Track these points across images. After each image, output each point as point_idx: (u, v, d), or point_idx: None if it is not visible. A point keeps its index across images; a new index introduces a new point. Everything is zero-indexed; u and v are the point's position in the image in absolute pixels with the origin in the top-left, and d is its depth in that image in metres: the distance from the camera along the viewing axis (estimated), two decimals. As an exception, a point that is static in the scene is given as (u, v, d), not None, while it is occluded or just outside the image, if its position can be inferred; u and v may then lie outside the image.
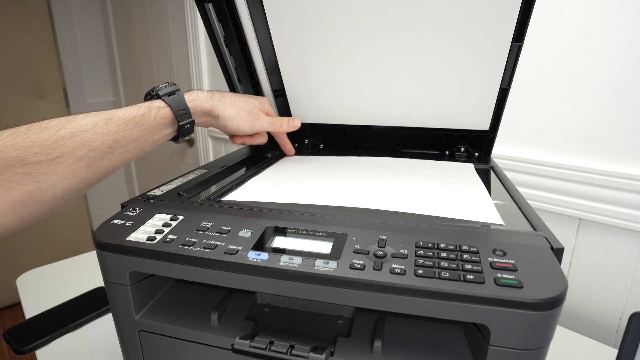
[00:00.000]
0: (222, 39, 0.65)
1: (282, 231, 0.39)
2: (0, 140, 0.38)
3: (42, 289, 0.78)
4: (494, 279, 0.31)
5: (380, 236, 0.37)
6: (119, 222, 0.42)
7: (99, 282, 0.75)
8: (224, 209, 0.43)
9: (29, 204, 0.39)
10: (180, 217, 0.42)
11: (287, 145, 0.69)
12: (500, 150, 0.78)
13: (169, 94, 0.51)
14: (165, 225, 0.41)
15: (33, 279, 0.82)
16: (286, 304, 0.44)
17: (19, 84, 2.00)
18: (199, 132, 1.54)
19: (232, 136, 0.63)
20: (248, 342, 0.36)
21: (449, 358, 0.36)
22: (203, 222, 0.40)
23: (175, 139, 0.53)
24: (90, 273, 0.82)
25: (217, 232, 0.39)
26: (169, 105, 0.50)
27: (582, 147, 0.69)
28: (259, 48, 0.63)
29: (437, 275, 0.31)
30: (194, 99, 0.53)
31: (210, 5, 0.62)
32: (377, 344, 0.36)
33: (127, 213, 0.43)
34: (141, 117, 0.47)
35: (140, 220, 0.42)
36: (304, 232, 0.38)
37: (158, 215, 0.42)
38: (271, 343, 0.36)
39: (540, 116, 0.72)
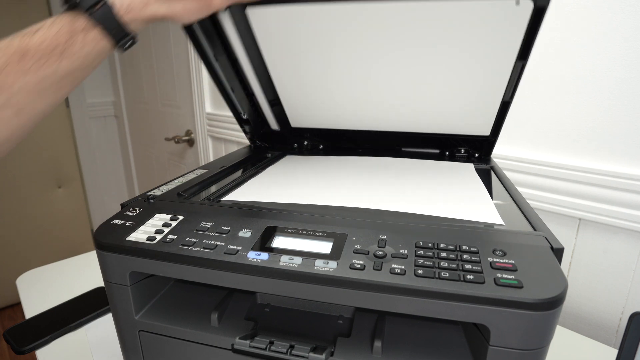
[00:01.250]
0: (211, 54, 0.62)
1: (282, 231, 0.39)
2: None
3: (42, 289, 0.78)
4: (494, 279, 0.31)
5: (380, 236, 0.37)
6: (119, 222, 0.42)
7: (99, 282, 0.75)
8: (224, 209, 0.43)
9: None
10: (180, 217, 0.42)
11: None
12: (500, 150, 0.78)
13: (93, 7, 0.38)
14: (165, 225, 0.41)
15: (33, 279, 0.82)
16: (286, 304, 0.44)
17: (19, 84, 2.00)
18: (199, 132, 1.54)
19: None
20: (248, 342, 0.36)
21: (449, 358, 0.36)
22: (203, 222, 0.40)
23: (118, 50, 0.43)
24: (90, 273, 0.82)
25: (217, 232, 0.39)
26: (98, 25, 0.38)
27: (582, 147, 0.69)
28: (250, 63, 0.61)
29: (437, 276, 0.31)
30: (128, 9, 0.40)
31: (196, 25, 0.59)
32: (377, 344, 0.36)
33: (127, 213, 0.43)
34: (65, 47, 0.37)
35: (140, 220, 0.42)
36: (304, 232, 0.38)
37: (158, 215, 0.42)
38: (271, 343, 0.36)
39: (540, 116, 0.72)
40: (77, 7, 0.38)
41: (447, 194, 0.48)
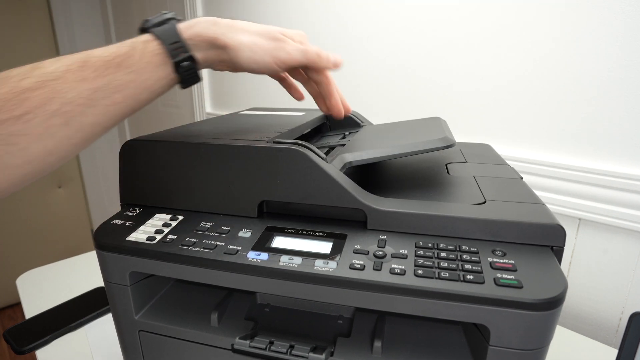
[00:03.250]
0: None
1: (281, 231, 0.39)
2: None
3: (42, 289, 0.78)
4: (494, 279, 0.31)
5: (380, 236, 0.37)
6: (119, 222, 0.42)
7: (99, 282, 0.75)
8: (224, 209, 0.43)
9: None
10: (180, 217, 0.42)
11: (331, 99, 0.49)
12: (500, 150, 0.78)
13: (159, 24, 0.40)
14: (165, 225, 0.41)
15: (33, 279, 0.82)
16: (286, 304, 0.44)
17: (19, 84, 2.00)
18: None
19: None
20: (248, 342, 0.36)
21: (449, 358, 0.36)
22: (203, 222, 0.40)
23: (181, 84, 0.42)
24: (90, 273, 0.82)
25: (217, 232, 0.39)
26: (158, 38, 0.39)
27: (582, 147, 0.69)
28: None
29: (436, 276, 0.31)
30: (191, 26, 0.40)
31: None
32: (377, 344, 0.36)
33: (127, 213, 0.43)
34: (124, 57, 0.37)
35: (140, 220, 0.42)
36: (303, 232, 0.38)
37: (158, 215, 0.42)
38: (271, 343, 0.36)
39: (541, 116, 0.72)
40: (144, 29, 0.40)
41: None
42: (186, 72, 0.40)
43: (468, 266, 0.32)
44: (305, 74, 0.49)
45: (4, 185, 0.34)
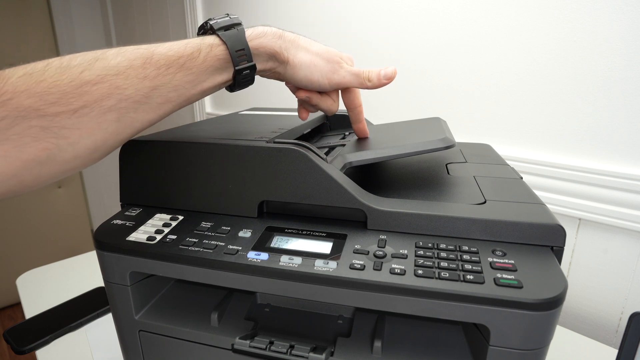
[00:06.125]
0: None
1: (282, 231, 0.39)
2: (11, 83, 0.30)
3: (42, 289, 0.78)
4: (494, 279, 0.31)
5: (380, 236, 0.37)
6: (119, 222, 0.42)
7: (99, 282, 0.75)
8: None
9: (47, 162, 0.32)
10: (180, 217, 0.42)
11: (360, 124, 0.51)
12: (500, 150, 0.78)
13: (226, 28, 0.40)
14: (165, 225, 0.41)
15: (33, 279, 0.82)
16: (286, 304, 0.44)
17: (19, 84, 1.99)
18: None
19: (298, 89, 0.48)
20: (248, 342, 0.36)
21: (449, 358, 0.36)
22: (203, 222, 0.40)
23: (231, 87, 0.43)
24: (90, 273, 0.82)
25: (217, 232, 0.39)
26: (224, 43, 0.39)
27: (582, 147, 0.69)
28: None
29: (436, 276, 0.31)
30: (258, 36, 0.41)
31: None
32: (377, 344, 0.36)
33: (127, 213, 0.43)
34: (188, 58, 0.37)
35: (140, 220, 0.42)
36: (303, 232, 0.38)
37: (158, 215, 0.42)
38: (271, 343, 0.36)
39: (541, 116, 0.72)
40: (212, 28, 0.40)
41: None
42: (243, 79, 0.41)
43: (468, 266, 0.32)
44: (343, 97, 0.49)
45: (44, 179, 0.33)
